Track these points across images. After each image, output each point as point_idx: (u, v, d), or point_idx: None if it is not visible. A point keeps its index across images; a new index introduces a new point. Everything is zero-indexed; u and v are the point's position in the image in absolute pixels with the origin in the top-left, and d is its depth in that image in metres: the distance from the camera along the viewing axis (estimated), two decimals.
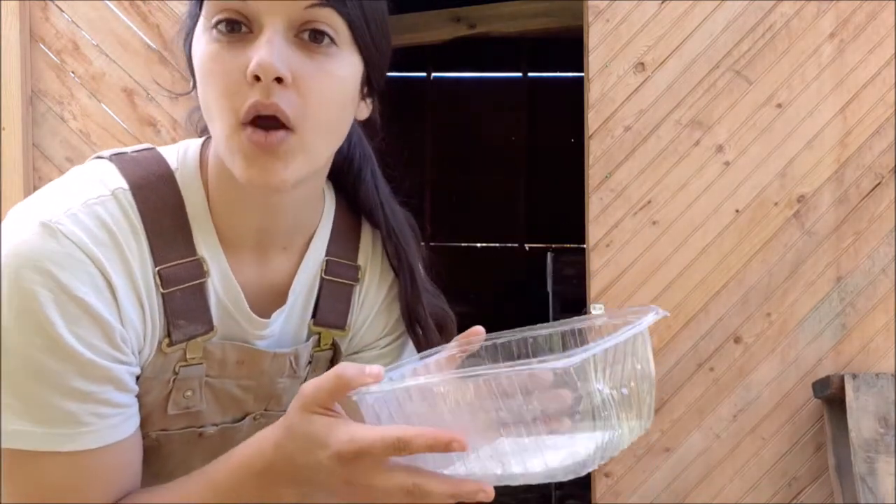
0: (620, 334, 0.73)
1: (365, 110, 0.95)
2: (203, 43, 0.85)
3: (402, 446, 0.71)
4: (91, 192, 0.87)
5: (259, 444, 0.82)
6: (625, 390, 0.74)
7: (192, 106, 0.98)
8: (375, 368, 0.76)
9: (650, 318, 0.77)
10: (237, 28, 0.83)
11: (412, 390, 0.73)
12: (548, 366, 0.68)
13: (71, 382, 0.81)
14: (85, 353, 0.82)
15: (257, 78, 0.81)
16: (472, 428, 0.72)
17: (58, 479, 0.84)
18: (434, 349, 0.91)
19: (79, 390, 0.82)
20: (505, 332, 0.91)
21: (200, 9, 0.86)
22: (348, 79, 0.87)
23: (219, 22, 0.83)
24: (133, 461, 0.90)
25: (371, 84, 0.93)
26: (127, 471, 0.89)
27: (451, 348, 0.89)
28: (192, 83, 0.92)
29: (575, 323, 0.89)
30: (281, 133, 0.83)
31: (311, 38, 0.84)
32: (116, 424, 0.86)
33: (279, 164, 0.84)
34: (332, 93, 0.86)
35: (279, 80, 0.81)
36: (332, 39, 0.84)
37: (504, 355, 0.89)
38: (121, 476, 0.88)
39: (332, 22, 0.84)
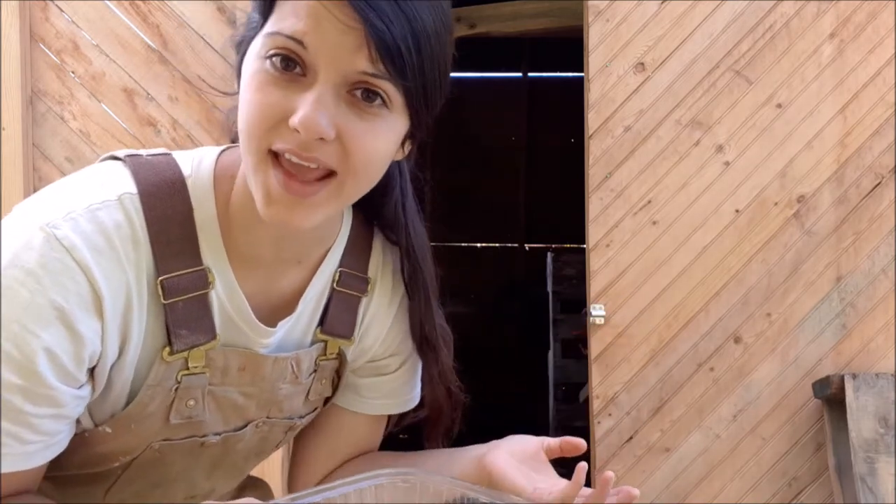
0: None
1: (401, 153, 0.94)
2: (255, 67, 0.83)
3: None
4: (96, 196, 0.86)
5: None
6: None
7: (232, 105, 0.96)
8: None
9: None
10: (292, 66, 0.81)
11: None
12: None
13: (10, 395, 0.81)
14: (40, 362, 0.81)
15: (298, 131, 0.80)
16: None
17: None
18: (368, 474, 0.86)
19: (15, 407, 0.81)
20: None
21: (263, 25, 0.84)
22: (394, 138, 0.87)
23: (275, 55, 0.81)
24: (32, 482, 0.88)
25: (414, 136, 0.91)
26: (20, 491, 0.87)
27: (384, 476, 0.86)
28: (236, 86, 0.90)
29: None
30: (317, 186, 0.82)
31: (364, 96, 0.82)
32: (32, 453, 0.85)
33: (306, 212, 0.83)
34: (377, 151, 0.85)
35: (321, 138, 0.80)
36: (384, 101, 0.82)
37: None
38: (12, 494, 0.87)
39: (387, 87, 0.82)
